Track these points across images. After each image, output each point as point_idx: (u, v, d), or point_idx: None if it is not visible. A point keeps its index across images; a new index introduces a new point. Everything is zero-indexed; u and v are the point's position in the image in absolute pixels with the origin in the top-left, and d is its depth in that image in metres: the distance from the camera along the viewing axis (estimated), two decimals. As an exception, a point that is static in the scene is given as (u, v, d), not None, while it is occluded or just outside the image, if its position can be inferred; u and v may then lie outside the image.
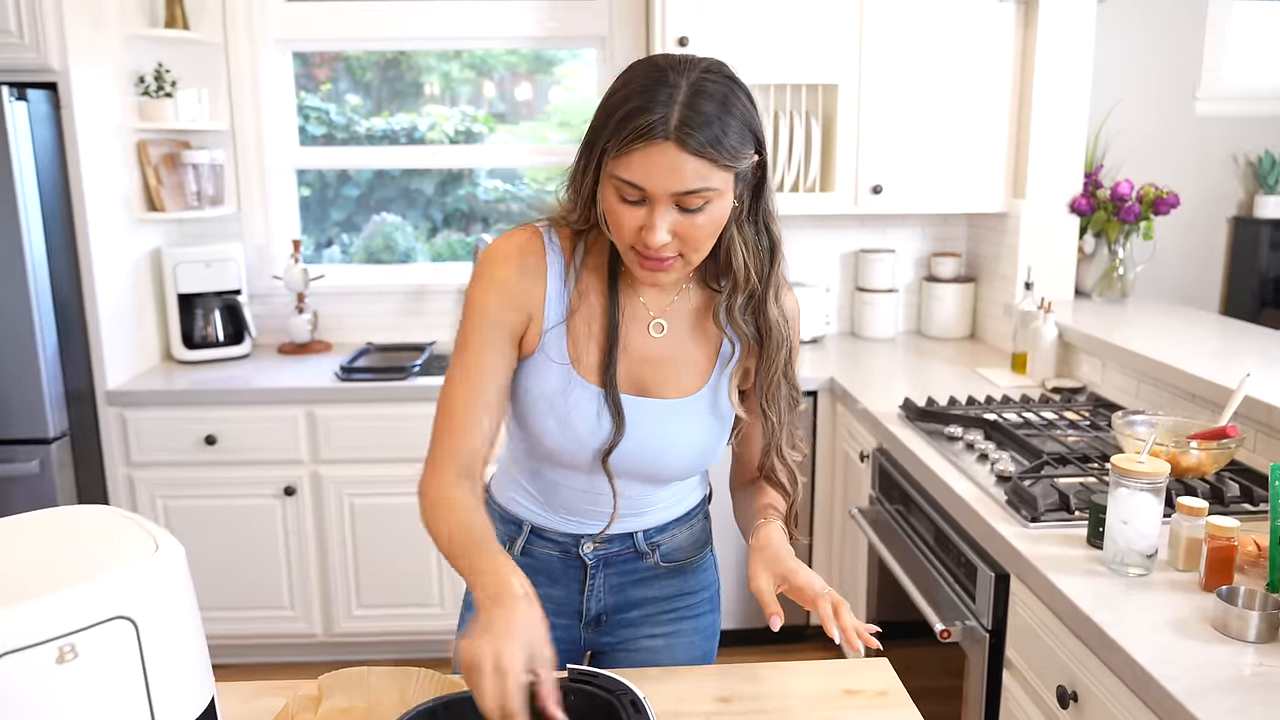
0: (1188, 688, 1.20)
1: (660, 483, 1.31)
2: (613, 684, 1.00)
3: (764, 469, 1.32)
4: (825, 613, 1.11)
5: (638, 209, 1.09)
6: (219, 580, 2.87)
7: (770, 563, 1.18)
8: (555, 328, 1.22)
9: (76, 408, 2.72)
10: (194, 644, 0.89)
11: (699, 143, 1.04)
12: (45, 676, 0.77)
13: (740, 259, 1.18)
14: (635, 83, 1.07)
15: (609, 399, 1.21)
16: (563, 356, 1.22)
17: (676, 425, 1.25)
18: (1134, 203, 2.91)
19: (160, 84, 3.00)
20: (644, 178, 1.06)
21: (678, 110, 1.04)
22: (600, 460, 1.23)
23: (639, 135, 1.04)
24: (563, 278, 1.22)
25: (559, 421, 1.22)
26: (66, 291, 2.69)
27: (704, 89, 1.05)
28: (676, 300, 1.26)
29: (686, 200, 1.07)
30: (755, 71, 2.92)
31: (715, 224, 1.12)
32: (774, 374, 1.24)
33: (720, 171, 1.07)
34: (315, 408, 2.80)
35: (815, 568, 2.95)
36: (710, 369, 1.27)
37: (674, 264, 1.14)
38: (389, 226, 3.50)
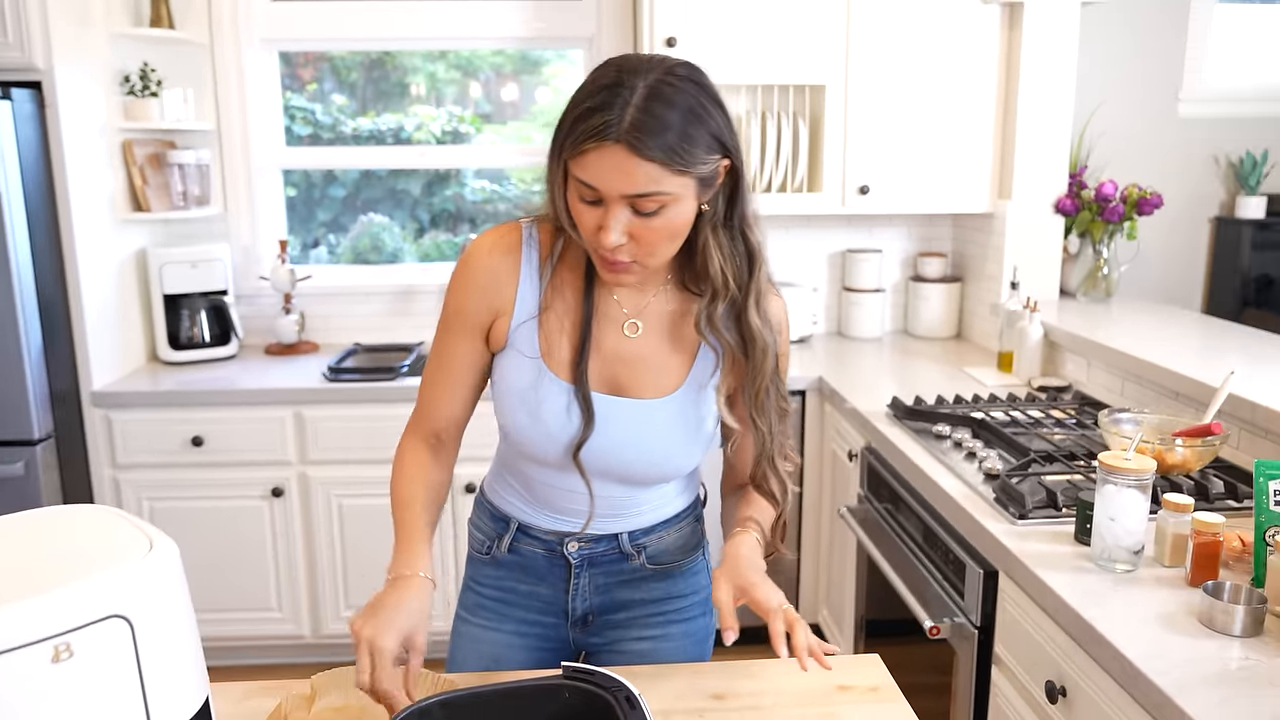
0: (1176, 682, 1.21)
1: (637, 484, 1.30)
2: (608, 681, 1.00)
3: (755, 479, 1.31)
4: (775, 630, 1.11)
5: (595, 209, 1.10)
6: (206, 582, 2.85)
7: (733, 575, 1.19)
8: (526, 323, 1.23)
9: (61, 409, 2.71)
10: (189, 643, 0.89)
11: (650, 146, 1.03)
12: (40, 676, 0.76)
13: (716, 265, 1.17)
14: (596, 82, 1.07)
15: (579, 394, 1.22)
16: (534, 351, 1.23)
17: (649, 426, 1.25)
18: (1118, 203, 2.94)
19: (146, 83, 2.98)
20: (596, 178, 1.06)
21: (630, 112, 1.03)
22: (571, 456, 1.24)
23: (590, 136, 1.04)
24: (536, 273, 1.23)
25: (529, 415, 1.23)
26: (51, 292, 2.67)
27: (661, 92, 1.04)
28: (653, 301, 1.26)
29: (640, 203, 1.07)
30: (743, 72, 2.93)
31: (673, 228, 1.11)
32: (761, 382, 1.23)
33: (674, 176, 1.06)
34: (303, 409, 2.79)
35: (804, 567, 2.96)
36: (686, 372, 1.26)
37: (633, 267, 1.14)
38: (376, 227, 3.50)
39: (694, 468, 1.35)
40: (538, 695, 1.03)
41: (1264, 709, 1.15)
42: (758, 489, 1.31)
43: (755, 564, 1.21)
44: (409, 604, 1.13)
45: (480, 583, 1.40)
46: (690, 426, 1.27)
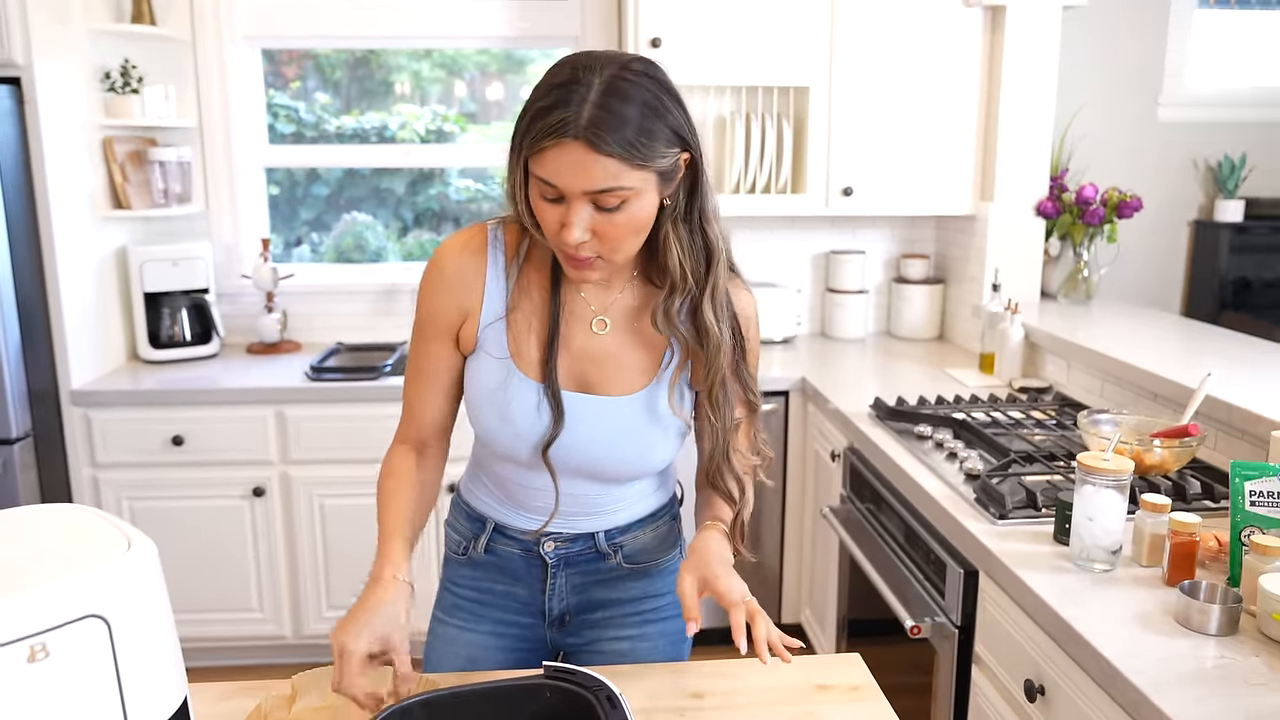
0: (1152, 680, 1.22)
1: (608, 481, 1.30)
2: (589, 680, 1.01)
3: (709, 476, 1.30)
4: (736, 622, 1.12)
5: (557, 206, 1.09)
6: (186, 582, 2.83)
7: (697, 567, 1.19)
8: (494, 323, 1.23)
9: (40, 408, 2.68)
10: (167, 643, 0.88)
11: (608, 142, 1.03)
12: (16, 676, 0.76)
13: (675, 259, 1.17)
14: (552, 80, 1.07)
15: (548, 392, 1.22)
16: (502, 351, 1.23)
17: (618, 422, 1.25)
18: (1098, 206, 2.96)
19: (126, 80, 2.96)
20: (556, 175, 1.06)
21: (588, 109, 1.03)
22: (541, 454, 1.24)
23: (548, 133, 1.04)
24: (503, 274, 1.24)
25: (499, 415, 1.23)
26: (30, 290, 2.65)
27: (617, 88, 1.04)
28: (619, 298, 1.26)
29: (601, 199, 1.07)
30: (727, 73, 2.93)
31: (635, 223, 1.11)
32: (715, 376, 1.23)
33: (634, 170, 1.06)
34: (284, 408, 2.78)
35: (787, 567, 2.97)
36: (655, 368, 1.26)
37: (597, 263, 1.14)
38: (359, 226, 3.48)
39: (666, 464, 1.34)
40: (519, 695, 1.03)
41: (1238, 706, 1.17)
42: (713, 488, 1.30)
43: (721, 557, 1.21)
44: (383, 607, 1.12)
45: (457, 583, 1.40)
46: (660, 422, 1.26)
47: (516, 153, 1.10)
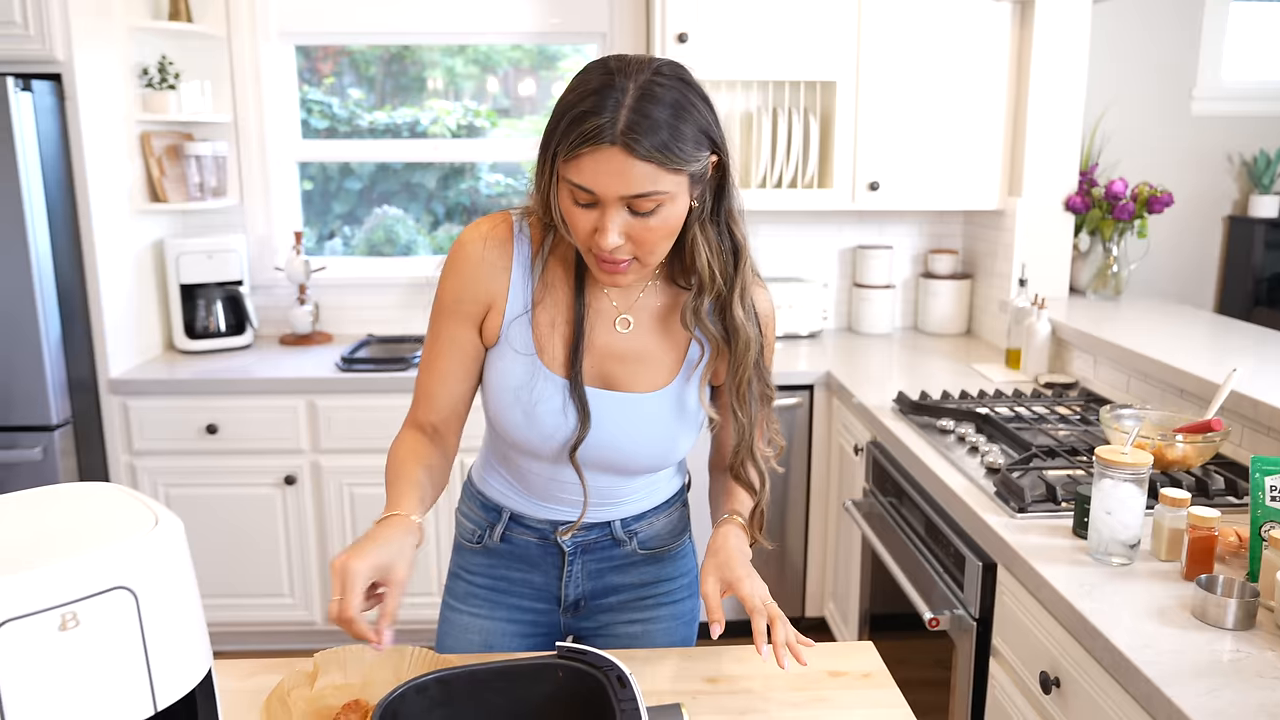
0: (1164, 672, 1.22)
1: (629, 474, 1.31)
2: (600, 661, 1.03)
3: (733, 469, 1.32)
4: (758, 628, 1.12)
5: (590, 211, 1.10)
6: (219, 568, 2.90)
7: (720, 569, 1.20)
8: (519, 318, 1.24)
9: (79, 396, 2.76)
10: (192, 616, 0.91)
11: (645, 146, 1.04)
12: (48, 643, 0.79)
13: (704, 259, 1.18)
14: (585, 86, 1.07)
15: (574, 393, 1.23)
16: (528, 348, 1.24)
17: (642, 419, 1.26)
18: (1128, 201, 2.93)
19: (164, 76, 3.02)
20: (593, 181, 1.07)
21: (625, 114, 1.04)
22: (568, 453, 1.25)
23: (586, 139, 1.05)
24: (528, 267, 1.24)
25: (525, 414, 1.24)
26: (70, 281, 2.72)
27: (652, 92, 1.05)
28: (643, 297, 1.27)
29: (637, 203, 1.08)
30: (754, 68, 2.94)
31: (669, 226, 1.12)
32: (743, 374, 1.24)
33: (669, 174, 1.07)
34: (316, 398, 2.83)
35: (810, 560, 2.98)
36: (678, 365, 1.28)
37: (630, 266, 1.15)
38: (390, 219, 3.53)
39: (685, 455, 1.36)
40: (532, 674, 1.06)
41: (1250, 699, 1.16)
42: (736, 479, 1.32)
43: (742, 557, 1.22)
44: (388, 537, 1.09)
45: (471, 571, 1.41)
46: (681, 417, 1.28)
47: (548, 157, 1.11)
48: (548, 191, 1.14)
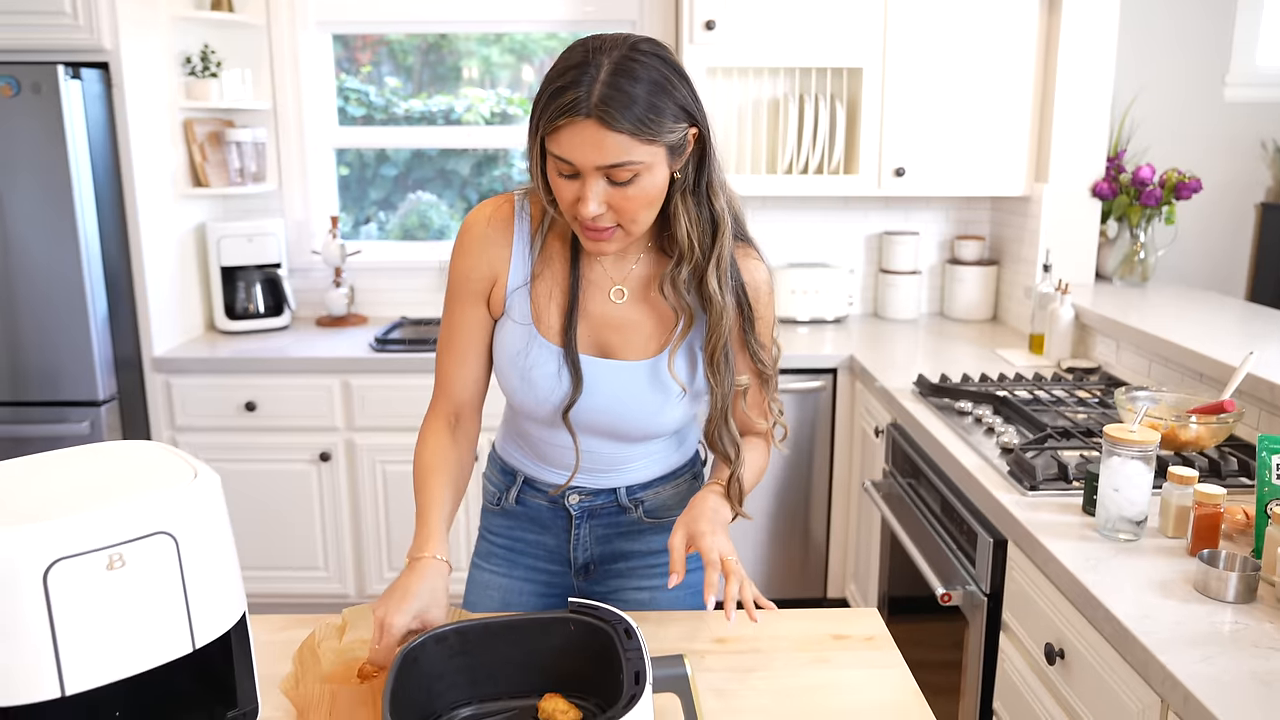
0: (1161, 640, 1.26)
1: (626, 440, 1.37)
2: (609, 615, 1.08)
3: (708, 437, 1.35)
4: (709, 580, 1.17)
5: (573, 182, 1.16)
6: (256, 541, 3.00)
7: (688, 524, 1.25)
8: (519, 290, 1.31)
9: (125, 373, 2.86)
10: (228, 562, 0.98)
11: (618, 119, 1.09)
12: (97, 581, 0.87)
13: (683, 230, 1.23)
14: (566, 62, 1.13)
15: (568, 358, 1.29)
16: (525, 317, 1.31)
17: (633, 385, 1.31)
18: (1155, 187, 2.93)
19: (206, 64, 3.12)
20: (570, 152, 1.12)
21: (599, 88, 1.09)
22: (561, 416, 1.31)
23: (563, 112, 1.10)
24: (528, 243, 1.31)
25: (522, 379, 1.31)
26: (116, 262, 2.82)
27: (626, 68, 1.11)
28: (635, 268, 1.32)
29: (614, 173, 1.13)
30: (781, 55, 2.97)
31: (647, 195, 1.17)
32: (716, 343, 1.28)
33: (643, 145, 1.12)
34: (350, 377, 2.92)
35: (833, 542, 3.02)
36: (670, 335, 1.32)
37: (614, 234, 1.20)
38: (424, 205, 3.61)
39: (680, 425, 1.40)
40: (545, 627, 1.11)
41: (1243, 667, 1.20)
42: (711, 447, 1.36)
43: (713, 515, 1.26)
44: (422, 586, 1.19)
45: (493, 532, 1.49)
46: (672, 385, 1.33)
47: (534, 132, 1.17)
48: (536, 165, 1.20)
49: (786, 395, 2.90)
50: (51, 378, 2.75)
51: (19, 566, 0.83)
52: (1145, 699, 1.27)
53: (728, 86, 3.10)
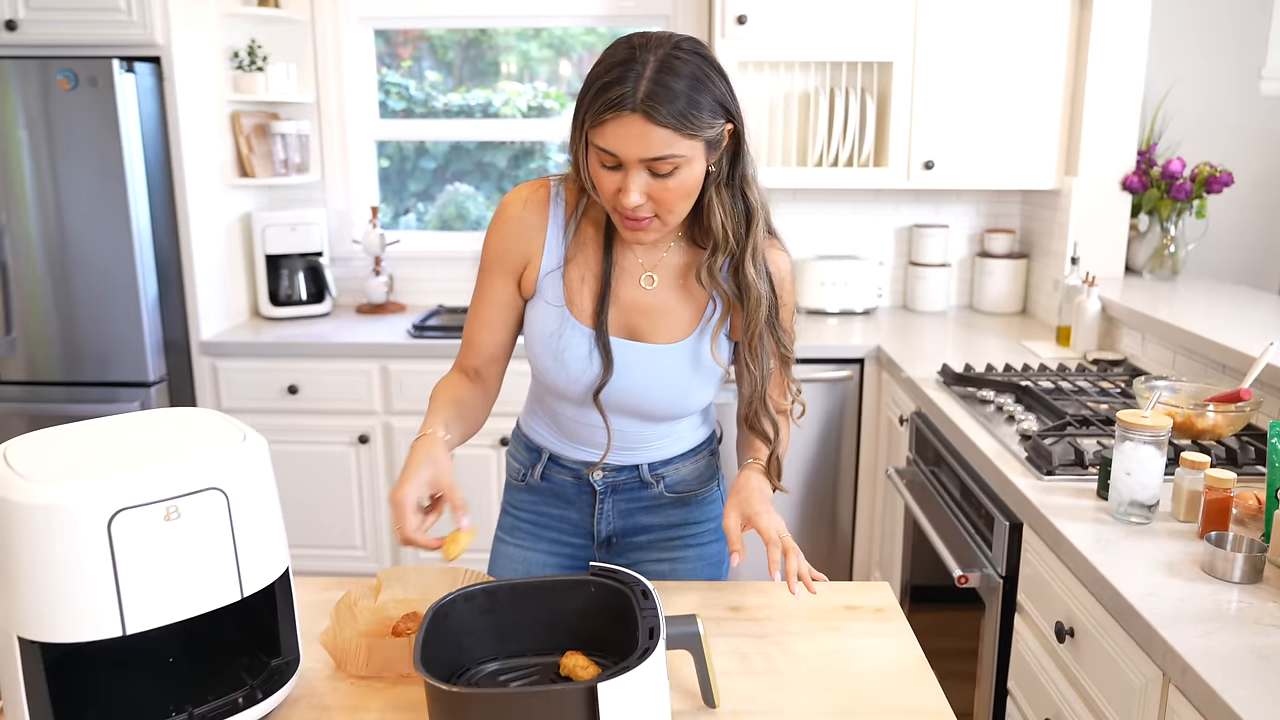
0: (1163, 616, 1.30)
1: (651, 420, 1.43)
2: (628, 578, 1.14)
3: (748, 419, 1.42)
4: (772, 557, 1.23)
5: (615, 173, 1.22)
6: (296, 520, 3.10)
7: (741, 505, 1.31)
8: (552, 273, 1.37)
9: (173, 356, 2.98)
10: (273, 519, 1.06)
11: (663, 114, 1.15)
12: (156, 531, 0.95)
13: (718, 221, 1.29)
14: (611, 59, 1.19)
15: (599, 341, 1.35)
16: (559, 300, 1.37)
17: (662, 368, 1.37)
18: (1185, 181, 2.93)
19: (253, 59, 3.22)
20: (615, 145, 1.19)
21: (645, 84, 1.15)
22: (592, 396, 1.38)
23: (609, 107, 1.17)
24: (562, 228, 1.37)
25: (555, 359, 1.37)
26: (166, 249, 2.94)
27: (670, 65, 1.17)
28: (666, 256, 1.38)
29: (656, 166, 1.19)
30: (812, 49, 3.01)
31: (686, 187, 1.23)
32: (754, 329, 1.34)
33: (685, 140, 1.18)
34: (388, 362, 3.01)
35: (859, 529, 3.06)
36: (697, 320, 1.38)
37: (652, 224, 1.26)
38: (461, 196, 3.69)
39: (705, 405, 1.47)
40: (568, 588, 1.18)
41: (1242, 642, 1.23)
42: (751, 429, 1.42)
43: (761, 494, 1.33)
44: (421, 456, 1.24)
45: (517, 507, 1.56)
46: (700, 369, 1.39)
47: (579, 125, 1.23)
48: (578, 156, 1.26)
49: (815, 384, 2.95)
50: (104, 359, 2.87)
51: (86, 516, 0.91)
52: (1148, 673, 1.31)
53: (759, 80, 3.15)
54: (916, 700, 1.15)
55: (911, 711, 1.12)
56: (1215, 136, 3.31)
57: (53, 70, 2.69)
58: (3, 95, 2.71)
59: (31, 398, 2.88)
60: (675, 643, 1.08)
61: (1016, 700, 1.82)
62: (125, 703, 1.04)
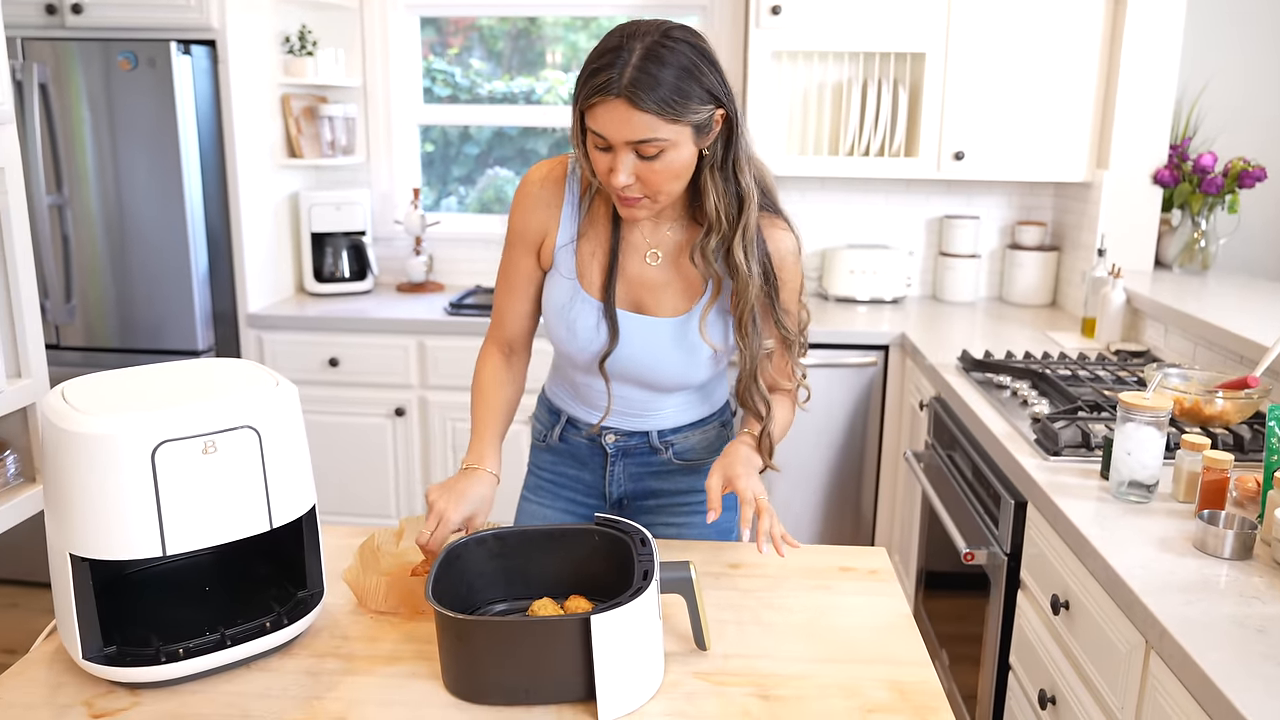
0: (1148, 586, 1.34)
1: (656, 389, 1.50)
2: (628, 528, 1.22)
3: (739, 395, 1.47)
4: (744, 515, 1.29)
5: (606, 154, 1.29)
6: (334, 488, 3.22)
7: (724, 468, 1.37)
8: (565, 246, 1.45)
9: (222, 327, 3.11)
10: (301, 459, 1.16)
11: (645, 99, 1.21)
12: (195, 463, 1.04)
13: (712, 203, 1.35)
14: (603, 46, 1.26)
15: (607, 312, 1.43)
16: (570, 272, 1.45)
17: (663, 340, 1.45)
18: (1217, 175, 2.93)
19: (303, 43, 3.34)
20: (603, 128, 1.25)
21: (629, 71, 1.21)
22: (598, 364, 1.46)
23: (595, 91, 1.23)
24: (577, 204, 1.45)
25: (567, 329, 1.46)
26: (218, 225, 3.07)
27: (655, 53, 1.22)
28: (669, 234, 1.45)
29: (642, 148, 1.26)
30: (845, 40, 3.05)
31: (673, 170, 1.29)
32: (744, 308, 1.40)
33: (668, 124, 1.24)
34: (426, 338, 3.11)
35: (880, 515, 3.11)
36: (699, 296, 1.45)
37: (643, 203, 1.33)
38: (501, 179, 3.79)
39: (706, 379, 1.52)
40: (573, 536, 1.26)
41: (1222, 611, 1.27)
42: (743, 405, 1.48)
43: (746, 461, 1.39)
44: (475, 491, 1.37)
45: (540, 467, 1.66)
46: (697, 343, 1.45)
47: (575, 108, 1.30)
48: (578, 137, 1.33)
49: (841, 369, 3.00)
50: (156, 328, 3.01)
51: (132, 446, 1.01)
52: (1132, 639, 1.36)
53: (792, 70, 3.20)
54: (898, 652, 1.21)
55: (893, 661, 1.19)
56: (1251, 131, 3.29)
57: (114, 52, 2.83)
58: (68, 75, 2.86)
59: (88, 363, 3.03)
60: (668, 586, 1.15)
61: (1017, 674, 1.87)
62: (164, 622, 1.14)
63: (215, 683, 1.11)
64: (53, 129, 2.88)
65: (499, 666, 1.06)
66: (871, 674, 1.16)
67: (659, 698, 1.10)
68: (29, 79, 2.81)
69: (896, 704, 1.10)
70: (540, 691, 1.07)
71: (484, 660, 1.06)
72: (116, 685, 1.10)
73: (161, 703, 1.08)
